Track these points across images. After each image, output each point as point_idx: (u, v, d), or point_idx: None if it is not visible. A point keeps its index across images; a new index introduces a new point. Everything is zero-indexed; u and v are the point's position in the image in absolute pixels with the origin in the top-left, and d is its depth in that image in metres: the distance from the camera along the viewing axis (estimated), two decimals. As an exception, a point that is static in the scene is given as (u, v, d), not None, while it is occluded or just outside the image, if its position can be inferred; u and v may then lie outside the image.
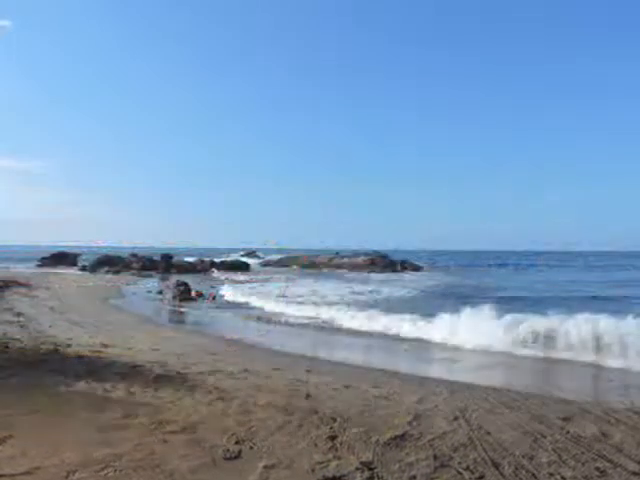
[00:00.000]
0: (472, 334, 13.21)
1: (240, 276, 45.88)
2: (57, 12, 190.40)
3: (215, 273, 50.49)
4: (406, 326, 15.21)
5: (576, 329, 12.10)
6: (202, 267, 53.07)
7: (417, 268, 58.50)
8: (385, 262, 57.40)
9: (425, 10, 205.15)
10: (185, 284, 26.40)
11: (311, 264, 62.80)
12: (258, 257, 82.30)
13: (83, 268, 48.69)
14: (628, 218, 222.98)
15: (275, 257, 75.15)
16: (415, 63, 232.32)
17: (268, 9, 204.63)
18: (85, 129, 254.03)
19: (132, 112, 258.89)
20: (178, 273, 46.22)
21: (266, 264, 69.03)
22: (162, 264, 50.78)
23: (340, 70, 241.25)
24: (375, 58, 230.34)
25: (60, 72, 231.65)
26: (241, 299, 24.91)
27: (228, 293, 27.53)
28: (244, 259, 67.01)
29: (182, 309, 20.87)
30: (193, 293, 25.56)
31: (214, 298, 25.35)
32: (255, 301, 23.64)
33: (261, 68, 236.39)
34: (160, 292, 26.72)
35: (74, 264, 55.45)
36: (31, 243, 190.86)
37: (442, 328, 14.18)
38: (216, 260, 58.48)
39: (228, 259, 63.31)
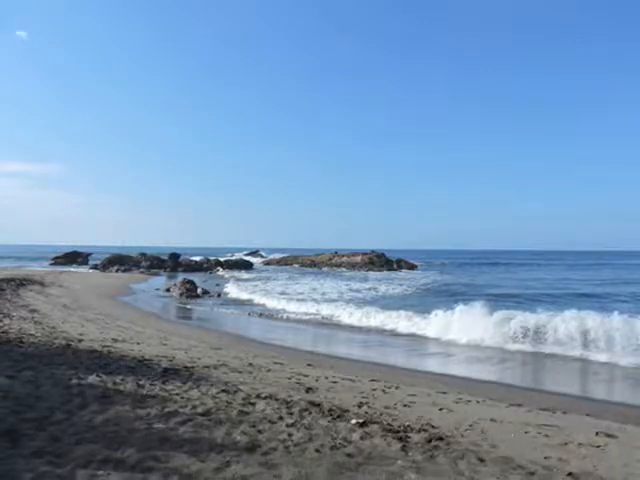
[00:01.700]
0: (465, 330, 13.69)
1: (244, 274, 46.41)
2: (72, 21, 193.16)
3: (220, 271, 51.01)
4: (402, 322, 15.72)
5: (564, 325, 12.59)
6: (208, 266, 53.65)
7: (413, 267, 58.93)
8: (382, 261, 57.99)
9: (431, 20, 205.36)
10: (191, 282, 27.04)
11: (311, 263, 63.47)
12: (261, 256, 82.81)
13: (94, 267, 49.37)
14: (622, 219, 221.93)
15: (277, 256, 75.79)
16: (416, 67, 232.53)
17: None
18: (97, 134, 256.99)
19: (141, 117, 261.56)
20: (185, 272, 46.99)
21: (268, 263, 69.75)
22: (170, 263, 51.45)
23: (340, 74, 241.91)
24: (376, 63, 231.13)
25: (75, 79, 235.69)
26: (244, 296, 25.48)
27: (232, 290, 28.13)
28: (247, 258, 67.68)
29: (189, 306, 21.42)
30: (199, 290, 26.21)
31: (219, 295, 25.97)
32: (258, 298, 24.22)
33: (262, 73, 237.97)
34: (168, 290, 27.21)
35: (86, 263, 56.46)
36: (44, 243, 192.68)
37: (436, 324, 14.67)
38: (221, 259, 59.14)
39: (232, 258, 63.84)
